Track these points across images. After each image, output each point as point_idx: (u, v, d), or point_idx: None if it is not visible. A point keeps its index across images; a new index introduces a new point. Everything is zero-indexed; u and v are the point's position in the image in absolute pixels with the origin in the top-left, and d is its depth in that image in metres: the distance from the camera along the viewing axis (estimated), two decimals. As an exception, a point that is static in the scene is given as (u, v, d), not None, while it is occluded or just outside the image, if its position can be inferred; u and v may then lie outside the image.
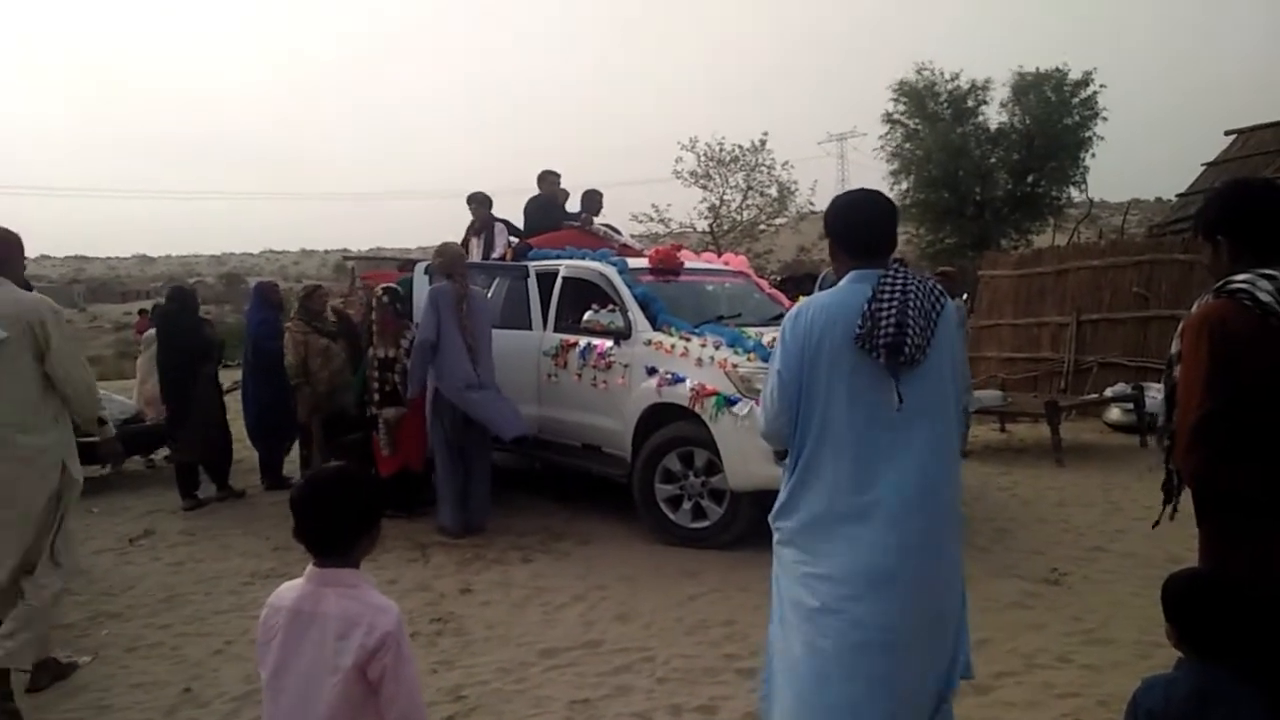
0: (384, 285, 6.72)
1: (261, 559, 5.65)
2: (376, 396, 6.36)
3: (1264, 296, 2.05)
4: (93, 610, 4.83)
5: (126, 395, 9.40)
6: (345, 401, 6.91)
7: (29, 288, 4.01)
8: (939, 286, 2.40)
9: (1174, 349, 2.20)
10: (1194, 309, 2.17)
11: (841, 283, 2.46)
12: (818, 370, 2.36)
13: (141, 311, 17.09)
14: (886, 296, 2.31)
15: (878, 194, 2.61)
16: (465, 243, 8.52)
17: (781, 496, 2.47)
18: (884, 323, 2.28)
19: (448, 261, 6.29)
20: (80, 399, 3.79)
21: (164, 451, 8.99)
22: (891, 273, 2.37)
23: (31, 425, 3.63)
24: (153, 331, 8.54)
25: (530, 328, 6.96)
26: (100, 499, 7.47)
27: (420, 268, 7.11)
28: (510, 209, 8.61)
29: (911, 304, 2.29)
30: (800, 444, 2.40)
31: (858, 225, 2.50)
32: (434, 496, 6.38)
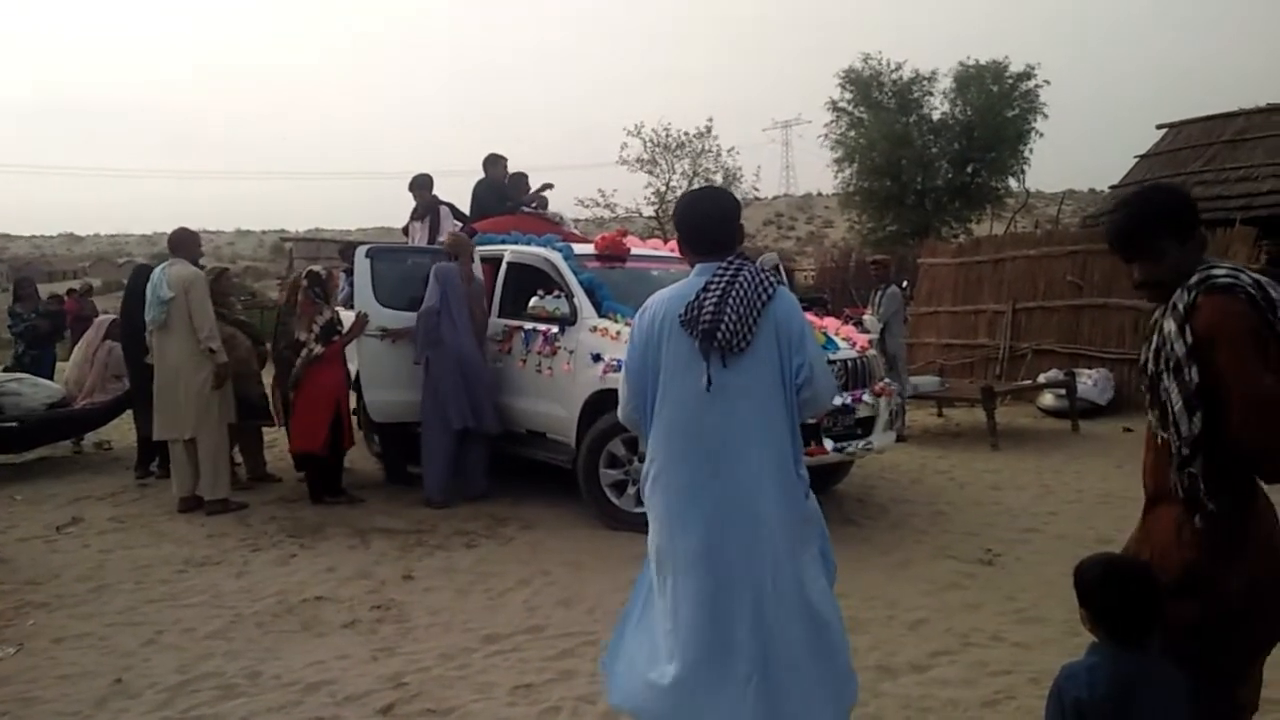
0: (309, 269, 6.70)
1: (195, 546, 5.51)
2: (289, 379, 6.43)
3: (1253, 291, 2.07)
4: (18, 600, 4.65)
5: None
6: (248, 390, 6.82)
7: (200, 267, 6.48)
8: (771, 279, 2.54)
9: (1179, 351, 2.09)
10: (1201, 307, 2.08)
11: (689, 276, 2.62)
12: (660, 359, 2.54)
13: (70, 292, 16.42)
14: (714, 286, 2.49)
15: (720, 192, 2.83)
16: (408, 228, 8.39)
17: (643, 472, 2.67)
18: (704, 309, 2.46)
19: (455, 244, 6.75)
20: (201, 332, 6.08)
21: (93, 437, 8.77)
22: (725, 265, 2.53)
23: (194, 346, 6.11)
24: (105, 316, 8.89)
25: (474, 313, 6.89)
26: (25, 485, 7.22)
27: (361, 251, 7.00)
28: (453, 192, 8.51)
29: (734, 294, 2.46)
30: (651, 428, 2.59)
31: (698, 223, 2.65)
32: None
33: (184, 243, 6.45)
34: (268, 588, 4.78)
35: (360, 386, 6.83)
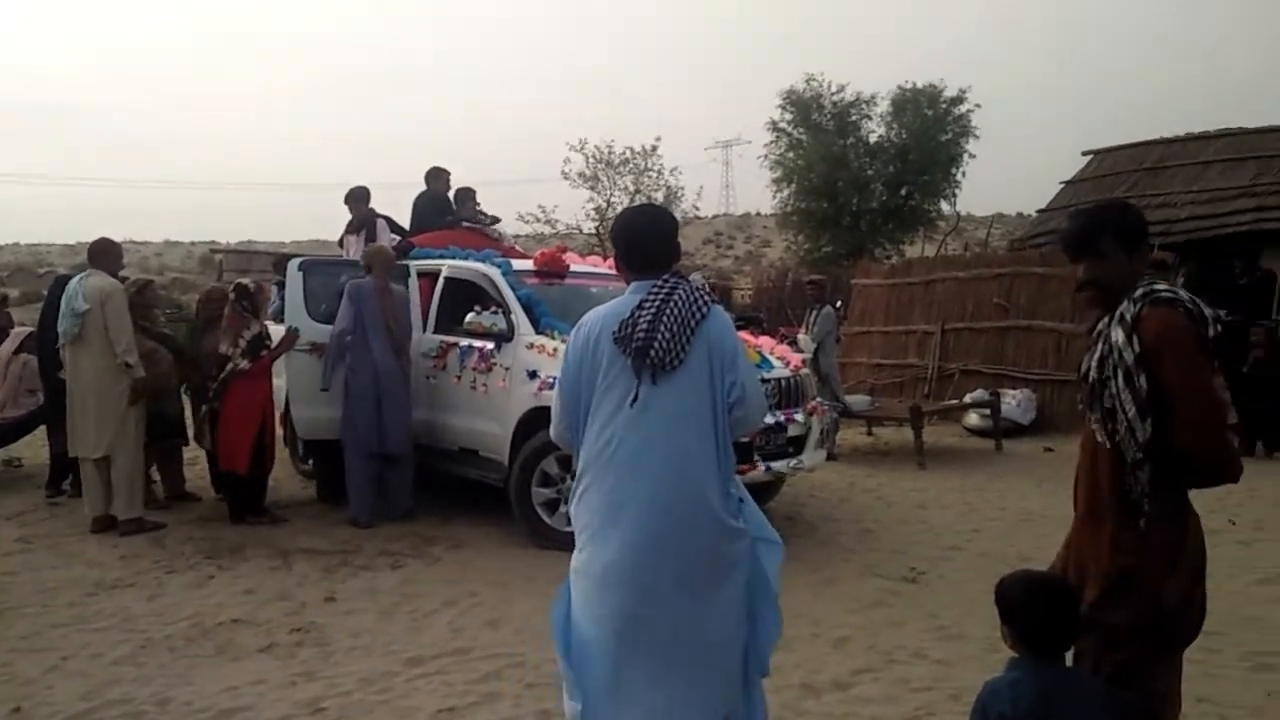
0: (237, 281, 6.57)
1: (107, 568, 5.31)
2: (209, 393, 6.30)
3: (1190, 306, 2.16)
4: (-89, 626, 4.42)
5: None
6: (166, 407, 6.66)
7: (121, 279, 6.35)
8: (707, 298, 2.56)
9: (1129, 358, 2.15)
10: (1146, 319, 2.16)
11: (625, 293, 2.62)
12: (595, 377, 2.52)
13: (-17, 302, 15.70)
14: (648, 304, 2.49)
15: (657, 210, 2.83)
16: (343, 240, 8.25)
17: (573, 488, 2.64)
18: (638, 327, 2.46)
19: (370, 256, 6.62)
20: (118, 346, 5.84)
21: (2, 454, 8.41)
22: (660, 283, 2.54)
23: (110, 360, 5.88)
24: (21, 328, 8.66)
25: (409, 328, 6.80)
26: (-73, 504, 6.87)
27: (294, 263, 6.86)
28: (390, 205, 8.41)
29: (669, 312, 2.47)
30: (582, 446, 2.57)
31: (635, 240, 2.65)
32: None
33: (104, 253, 6.27)
34: (182, 610, 4.61)
35: (287, 402, 6.69)
